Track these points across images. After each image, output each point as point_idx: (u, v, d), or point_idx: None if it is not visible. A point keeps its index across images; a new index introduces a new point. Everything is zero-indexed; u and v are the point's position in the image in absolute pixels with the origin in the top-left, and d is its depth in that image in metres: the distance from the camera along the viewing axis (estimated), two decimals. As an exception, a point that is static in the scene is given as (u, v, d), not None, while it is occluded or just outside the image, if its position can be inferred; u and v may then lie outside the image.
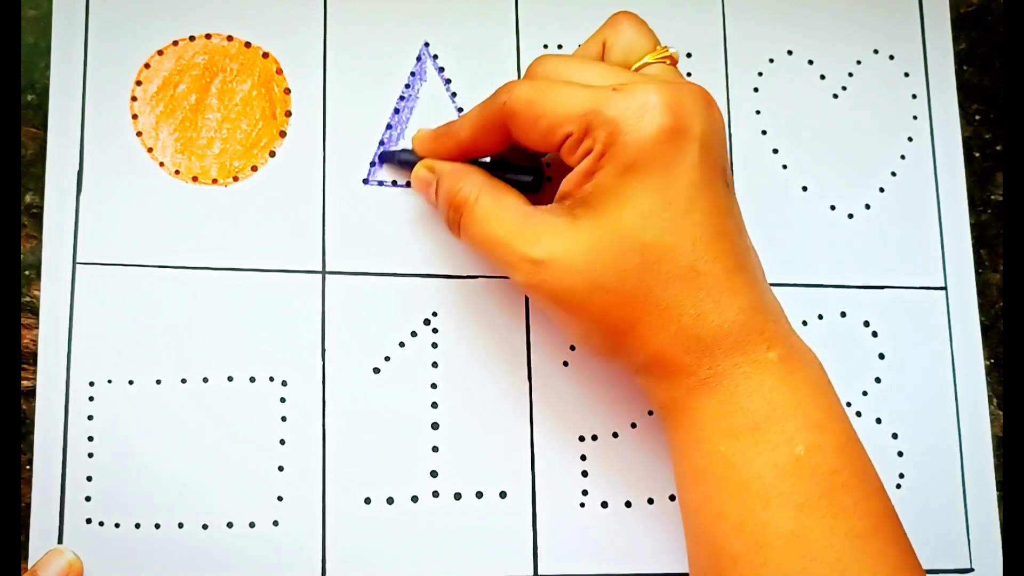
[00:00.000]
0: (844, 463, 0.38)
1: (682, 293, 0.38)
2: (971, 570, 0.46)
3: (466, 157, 0.43)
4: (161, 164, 0.44)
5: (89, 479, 0.41)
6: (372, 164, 0.45)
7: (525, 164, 0.43)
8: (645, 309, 0.38)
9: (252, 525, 0.42)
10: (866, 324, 0.48)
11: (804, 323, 0.47)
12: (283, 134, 0.45)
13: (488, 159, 0.44)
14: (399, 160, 0.45)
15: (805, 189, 0.48)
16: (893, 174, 0.49)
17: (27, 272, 0.42)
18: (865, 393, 0.47)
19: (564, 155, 0.39)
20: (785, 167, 0.49)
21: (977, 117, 0.51)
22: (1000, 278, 0.49)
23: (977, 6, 0.52)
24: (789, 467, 0.37)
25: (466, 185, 0.41)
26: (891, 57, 0.50)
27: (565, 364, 0.45)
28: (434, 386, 0.44)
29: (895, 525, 0.38)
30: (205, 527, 0.42)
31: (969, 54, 0.51)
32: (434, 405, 0.44)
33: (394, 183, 0.46)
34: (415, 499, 0.43)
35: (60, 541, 0.41)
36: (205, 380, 0.43)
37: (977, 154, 0.50)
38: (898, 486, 0.46)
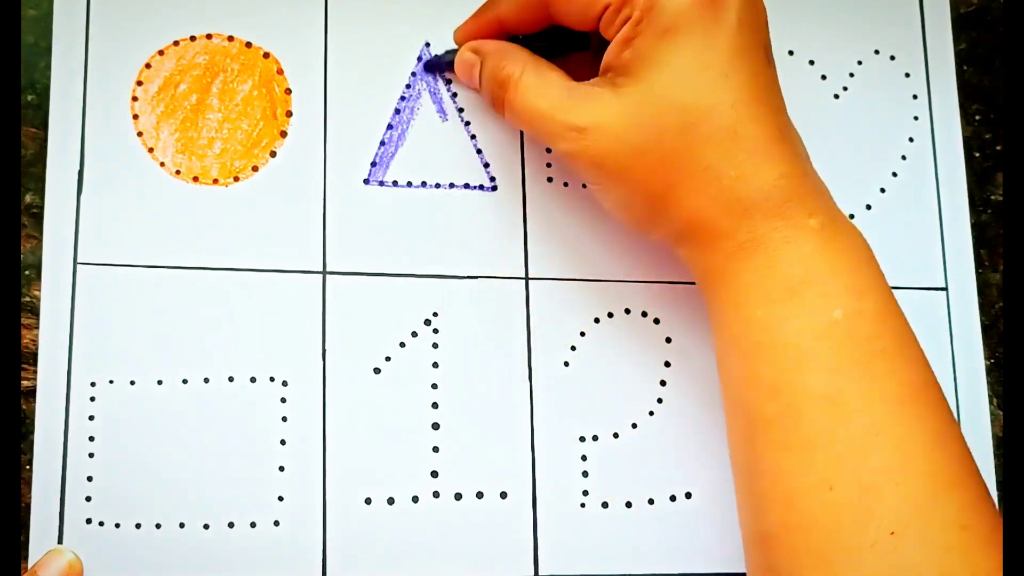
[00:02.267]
0: (883, 330, 0.37)
1: (721, 154, 0.38)
2: (971, 570, 0.46)
3: (505, 35, 0.43)
4: (162, 164, 0.44)
5: (90, 479, 0.41)
6: (373, 164, 0.45)
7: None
8: (686, 170, 0.38)
9: (253, 525, 0.42)
10: (866, 324, 0.48)
11: (804, 323, 0.47)
12: (284, 134, 0.45)
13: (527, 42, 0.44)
14: (446, 61, 0.46)
15: (805, 189, 0.48)
16: (894, 174, 0.49)
17: (27, 272, 0.42)
18: (865, 393, 0.47)
19: (603, 29, 0.40)
20: (785, 167, 0.49)
21: (977, 117, 0.51)
22: (1000, 278, 0.49)
23: (977, 6, 0.52)
24: (825, 331, 0.37)
25: (509, 63, 0.42)
26: (892, 58, 0.50)
27: (566, 364, 0.45)
28: (435, 386, 0.44)
29: (935, 393, 0.38)
30: (206, 527, 0.42)
31: (969, 54, 0.51)
32: (435, 405, 0.44)
33: (395, 183, 0.45)
34: (415, 499, 0.43)
35: (60, 541, 0.41)
36: (206, 380, 0.43)
37: (977, 154, 0.50)
38: (898, 486, 0.46)
